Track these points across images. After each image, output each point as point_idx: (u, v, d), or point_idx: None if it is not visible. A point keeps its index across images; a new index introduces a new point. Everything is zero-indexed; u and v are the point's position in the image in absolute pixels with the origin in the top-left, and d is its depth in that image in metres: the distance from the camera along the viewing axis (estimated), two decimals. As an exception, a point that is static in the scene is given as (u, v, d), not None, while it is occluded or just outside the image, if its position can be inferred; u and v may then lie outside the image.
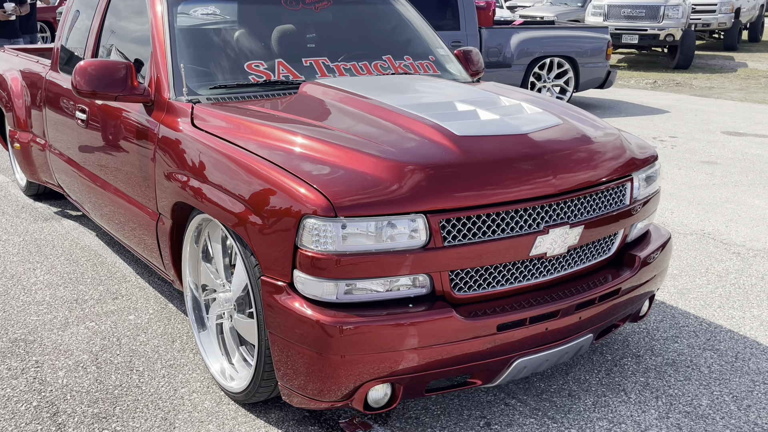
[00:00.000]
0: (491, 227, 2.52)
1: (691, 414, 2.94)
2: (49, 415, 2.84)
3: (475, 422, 2.86)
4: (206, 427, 2.78)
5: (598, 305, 2.79)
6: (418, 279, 2.46)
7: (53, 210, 5.38)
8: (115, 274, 4.23)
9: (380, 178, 2.44)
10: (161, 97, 3.25)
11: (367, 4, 4.10)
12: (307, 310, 2.39)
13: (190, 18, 3.50)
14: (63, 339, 3.44)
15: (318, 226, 2.33)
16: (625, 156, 2.98)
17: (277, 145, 2.67)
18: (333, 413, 2.88)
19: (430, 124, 2.71)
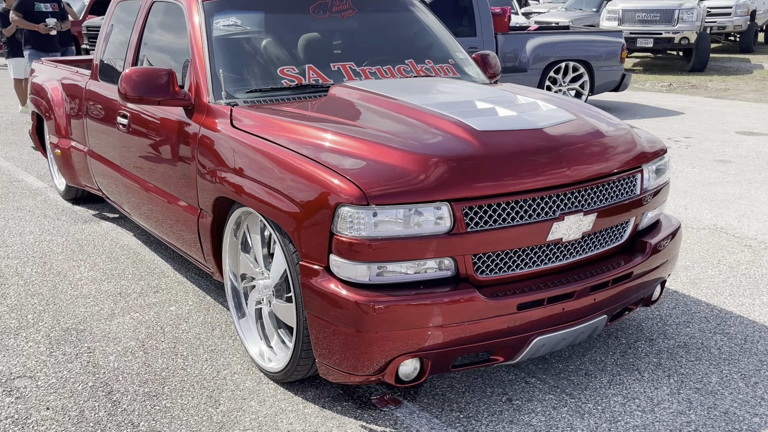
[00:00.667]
0: (510, 214, 2.73)
1: (701, 390, 3.13)
2: (105, 393, 3.08)
3: (497, 398, 3.06)
4: (248, 404, 3.01)
5: (611, 288, 2.99)
6: (443, 262, 2.68)
7: (91, 213, 5.66)
8: (154, 270, 4.48)
9: (407, 169, 2.66)
10: (201, 101, 3.50)
11: (389, 12, 4.33)
12: (343, 291, 2.62)
13: (225, 28, 3.75)
14: (111, 328, 3.69)
15: (352, 214, 2.56)
16: (635, 149, 3.18)
17: (312, 142, 2.90)
18: (365, 390, 3.10)
19: (453, 120, 2.93)
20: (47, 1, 8.89)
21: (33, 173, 6.93)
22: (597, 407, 3.00)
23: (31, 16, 8.75)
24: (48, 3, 8.88)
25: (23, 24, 8.74)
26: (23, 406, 2.99)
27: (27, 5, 8.76)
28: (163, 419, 2.90)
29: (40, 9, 8.79)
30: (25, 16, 8.74)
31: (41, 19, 8.76)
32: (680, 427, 2.86)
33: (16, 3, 8.84)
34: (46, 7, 8.84)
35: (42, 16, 8.78)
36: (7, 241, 4.98)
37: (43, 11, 8.80)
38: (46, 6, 8.84)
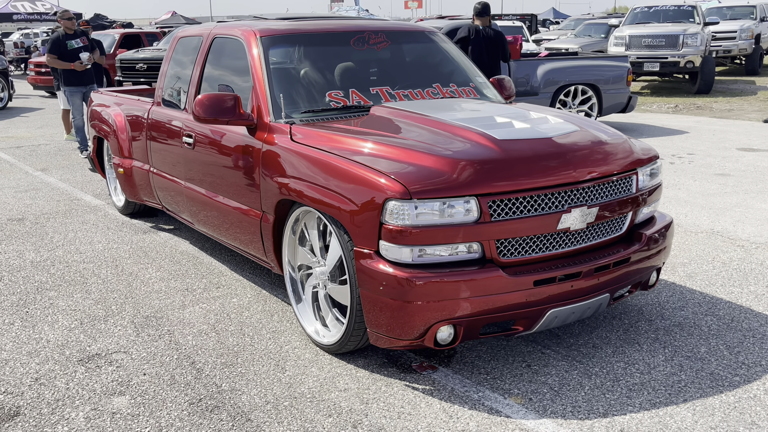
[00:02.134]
0: (527, 207, 3.34)
1: (691, 357, 3.69)
2: (189, 363, 3.69)
3: (518, 364, 3.64)
4: (310, 370, 3.61)
5: (612, 270, 3.58)
6: (472, 246, 3.28)
7: (148, 225, 6.32)
8: (212, 270, 5.11)
9: (441, 170, 3.28)
10: (263, 120, 4.14)
11: (417, 44, 5.00)
12: (391, 270, 3.22)
13: (283, 58, 4.41)
14: (184, 315, 4.31)
15: (397, 207, 3.17)
16: (630, 155, 3.78)
17: (360, 151, 3.53)
18: (407, 359, 3.69)
19: (477, 131, 3.56)
20: (77, 36, 9.45)
21: (89, 192, 7.62)
22: (602, 370, 3.57)
23: (65, 55, 9.29)
24: (78, 38, 9.44)
25: (59, 64, 9.28)
26: (124, 372, 3.60)
27: (60, 46, 9.31)
28: (241, 381, 3.50)
29: (73, 46, 9.34)
30: (60, 56, 9.28)
31: (75, 56, 9.30)
32: (672, 384, 3.42)
33: (49, 45, 9.39)
34: (77, 43, 9.39)
35: (75, 53, 9.32)
36: (80, 249, 5.63)
37: (76, 48, 9.35)
38: (76, 42, 9.40)
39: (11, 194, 7.61)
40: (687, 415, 3.17)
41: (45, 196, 7.50)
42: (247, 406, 3.28)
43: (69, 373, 3.59)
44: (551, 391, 3.37)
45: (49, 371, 3.62)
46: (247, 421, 3.15)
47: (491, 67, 8.88)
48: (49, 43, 9.53)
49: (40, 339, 4.00)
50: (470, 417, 3.18)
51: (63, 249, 5.64)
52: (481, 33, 9.00)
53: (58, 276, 5.03)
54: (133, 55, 15.65)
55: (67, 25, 9.55)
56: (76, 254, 5.51)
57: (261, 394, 3.37)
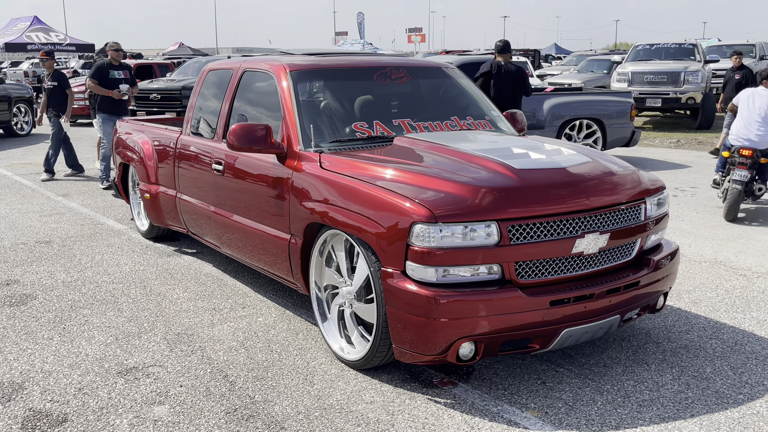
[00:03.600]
0: (543, 232, 3.58)
1: (698, 377, 3.90)
2: (222, 376, 3.90)
3: (534, 381, 3.85)
4: (337, 384, 3.82)
5: (623, 293, 3.81)
6: (492, 268, 3.51)
7: (172, 248, 6.56)
8: (237, 291, 5.34)
9: (464, 196, 3.53)
10: (292, 149, 4.41)
11: (435, 79, 5.29)
12: (416, 288, 3.46)
13: (312, 91, 4.69)
14: (214, 333, 4.53)
15: (423, 229, 3.42)
16: (639, 185, 4.04)
17: (386, 177, 3.78)
18: (428, 375, 3.90)
19: (496, 161, 3.81)
20: (120, 68, 9.87)
21: (111, 217, 7.87)
22: (614, 388, 3.78)
23: (106, 83, 9.64)
24: (121, 70, 9.86)
25: (99, 90, 9.61)
26: (162, 384, 3.81)
27: (102, 73, 9.68)
28: (272, 393, 3.71)
29: (114, 76, 9.70)
30: (100, 83, 9.64)
31: (115, 85, 9.64)
32: (680, 401, 3.63)
33: (93, 71, 9.80)
34: (119, 74, 9.77)
35: (116, 82, 9.66)
36: (108, 270, 5.87)
37: (117, 78, 9.71)
38: (119, 73, 9.76)
39: (36, 218, 7.86)
40: (694, 428, 3.37)
41: (69, 220, 7.75)
42: (280, 415, 3.48)
43: (110, 384, 3.80)
44: (566, 406, 3.58)
45: (90, 382, 3.83)
46: (281, 429, 3.36)
47: (513, 101, 9.24)
48: (94, 68, 9.91)
49: (79, 353, 4.22)
50: (490, 428, 3.38)
51: (92, 270, 5.87)
52: (503, 69, 9.37)
53: (90, 295, 5.25)
54: (147, 86, 16.02)
55: (113, 55, 9.93)
56: (104, 275, 5.74)
57: (292, 405, 3.58)
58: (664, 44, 19.07)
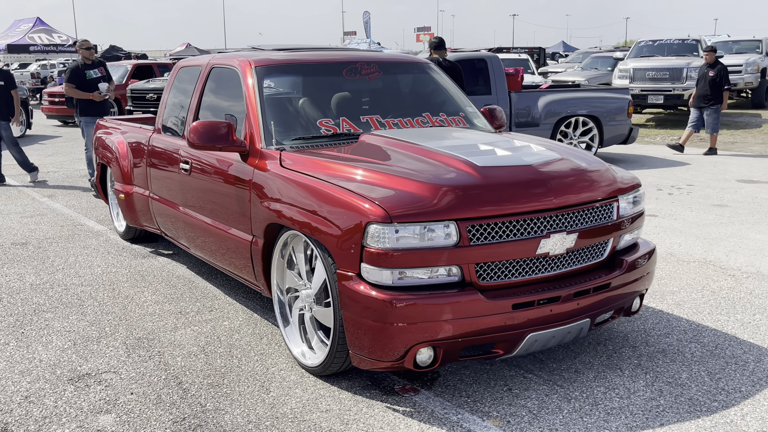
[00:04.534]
0: (506, 232, 3.41)
1: (672, 383, 3.72)
2: (176, 383, 3.76)
3: (499, 388, 3.69)
4: (294, 391, 3.67)
5: (592, 295, 3.64)
6: (451, 270, 3.35)
7: (148, 250, 6.43)
8: (207, 294, 5.20)
9: (422, 195, 3.37)
10: (254, 147, 4.26)
11: (408, 74, 5.13)
12: (372, 292, 3.30)
13: (277, 87, 4.55)
14: (175, 337, 4.39)
15: (379, 230, 3.26)
16: (611, 183, 3.86)
17: (346, 176, 3.63)
18: (390, 381, 3.74)
19: (458, 158, 3.65)
20: (94, 67, 9.45)
21: (93, 218, 7.76)
22: (582, 395, 3.61)
23: (84, 85, 9.26)
24: (95, 68, 9.45)
25: (78, 94, 9.23)
26: (112, 392, 3.67)
27: (79, 75, 9.27)
28: (225, 401, 3.57)
29: (91, 76, 9.31)
30: (78, 86, 9.25)
31: (94, 86, 9.27)
32: (650, 409, 3.46)
33: (68, 74, 9.35)
34: (96, 73, 9.37)
35: (94, 83, 9.29)
36: (79, 272, 5.74)
37: (94, 78, 9.32)
38: (95, 72, 9.38)
39: (17, 219, 7.76)
40: (662, 438, 3.20)
41: (49, 221, 7.65)
42: (230, 425, 3.34)
43: (58, 392, 3.67)
44: (530, 414, 3.41)
45: (39, 390, 3.70)
46: (228, 439, 3.22)
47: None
48: (68, 72, 9.47)
49: (33, 359, 4.09)
50: (448, 438, 3.23)
51: (63, 272, 5.75)
52: (440, 65, 9.19)
53: (56, 298, 5.13)
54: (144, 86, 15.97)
55: (85, 54, 9.51)
56: (75, 277, 5.62)
57: (244, 414, 3.43)
58: (667, 40, 18.81)
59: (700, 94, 12.39)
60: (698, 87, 12.46)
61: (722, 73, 12.18)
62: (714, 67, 12.30)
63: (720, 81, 12.16)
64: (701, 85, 12.37)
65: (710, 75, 12.19)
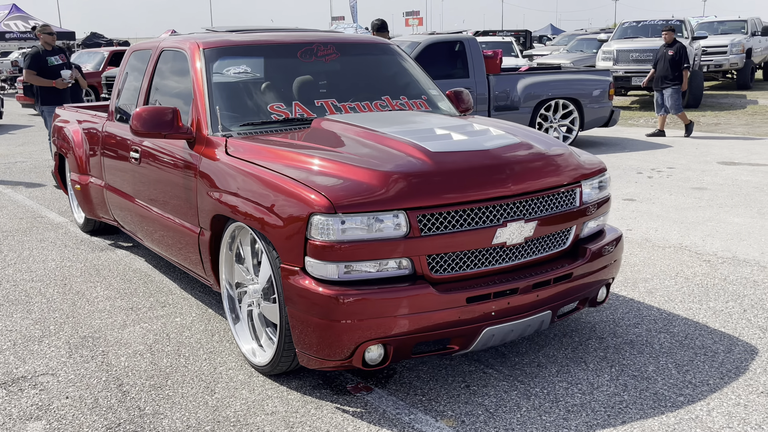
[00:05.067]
0: (459, 221, 3.21)
1: (638, 377, 3.55)
2: (116, 386, 3.56)
3: (457, 385, 3.50)
4: (240, 392, 3.47)
5: (553, 286, 3.45)
6: (401, 262, 3.15)
7: (107, 242, 6.20)
8: (162, 288, 4.99)
9: (370, 184, 3.16)
10: (201, 133, 4.04)
11: (368, 55, 4.90)
12: (316, 287, 3.10)
13: (226, 71, 4.31)
14: (123, 335, 4.18)
15: (322, 221, 3.05)
16: (573, 168, 3.66)
17: (292, 164, 3.42)
18: (343, 380, 3.55)
19: (411, 143, 3.44)
20: (55, 53, 9.08)
21: (55, 210, 7.51)
22: (543, 391, 3.43)
23: (46, 72, 8.90)
24: (56, 55, 9.07)
25: (40, 81, 8.86)
26: (46, 396, 3.47)
27: (40, 61, 8.89)
28: (166, 404, 3.37)
29: (53, 63, 8.94)
30: (39, 73, 8.88)
31: (56, 73, 8.92)
32: (613, 405, 3.28)
33: (28, 61, 8.96)
34: (57, 60, 9.00)
35: (56, 69, 8.93)
36: (31, 267, 5.52)
37: (56, 65, 8.96)
38: (56, 59, 9.01)
39: (-24, 212, 7.51)
40: (624, 437, 3.03)
41: (9, 213, 7.40)
42: (167, 430, 3.14)
43: (-11, 397, 3.47)
44: (486, 413, 3.23)
45: (-31, 394, 3.49)
46: (164, 446, 3.02)
47: None
48: (28, 58, 9.08)
49: (-31, 360, 3.88)
50: (397, 441, 3.04)
51: (14, 267, 5.53)
52: None
53: (2, 295, 4.90)
54: (118, 73, 15.64)
55: (46, 40, 9.15)
56: (26, 273, 5.39)
57: (184, 418, 3.24)
58: (651, 21, 18.60)
59: (660, 75, 12.09)
60: (657, 68, 12.18)
61: (681, 51, 11.95)
62: (672, 46, 12.06)
63: (679, 60, 11.91)
64: (660, 65, 12.08)
65: (669, 54, 11.94)
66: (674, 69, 11.88)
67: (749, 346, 3.87)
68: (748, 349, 3.83)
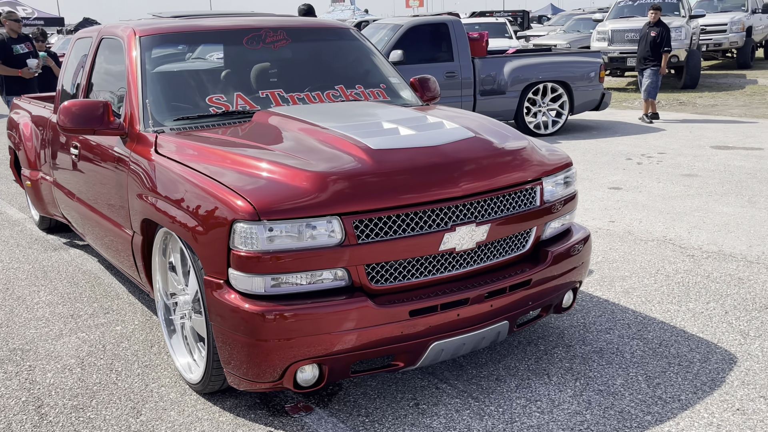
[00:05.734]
0: (401, 226, 2.90)
1: (604, 392, 3.25)
2: (35, 407, 3.27)
3: (406, 403, 3.21)
4: (168, 414, 3.18)
5: (509, 295, 3.14)
6: (336, 273, 2.85)
7: (62, 241, 5.90)
8: (110, 292, 4.69)
9: (301, 187, 2.85)
10: (133, 129, 3.72)
11: (323, 41, 4.56)
12: (240, 303, 2.80)
13: (162, 60, 3.99)
14: (56, 347, 3.89)
15: (245, 229, 2.74)
16: (533, 163, 3.34)
17: (220, 164, 3.10)
18: (281, 399, 3.26)
19: (351, 140, 3.12)
20: (21, 41, 8.79)
21: (16, 205, 7.21)
22: (498, 410, 3.13)
23: (11, 61, 8.60)
24: (22, 43, 8.78)
25: (5, 70, 8.56)
26: (-43, 419, 3.19)
27: (5, 50, 8.58)
28: (84, 430, 3.08)
29: (18, 51, 8.64)
30: (4, 62, 8.59)
31: (22, 62, 8.61)
32: (573, 426, 2.98)
33: None
34: (23, 48, 8.70)
35: (22, 58, 8.63)
36: (-24, 270, 5.23)
37: (22, 53, 8.65)
38: (22, 47, 8.71)
39: (-66, 208, 7.21)
40: (581, 466, 2.74)
41: (-33, 210, 7.11)
42: (80, 460, 2.86)
43: None
44: (432, 438, 2.94)
45: None
46: (72, 480, 2.74)
47: None
48: None
49: None
50: (331, 471, 2.75)
51: (-42, 270, 5.24)
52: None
53: (-62, 302, 4.62)
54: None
55: (12, 27, 8.84)
56: (-30, 276, 5.11)
57: (100, 446, 2.95)
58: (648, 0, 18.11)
59: (641, 56, 11.54)
60: (639, 48, 11.62)
61: (663, 34, 11.34)
62: (657, 26, 11.50)
63: (660, 42, 11.36)
64: (642, 45, 11.51)
65: (651, 35, 11.37)
66: (654, 51, 11.37)
67: (728, 354, 3.56)
68: (727, 358, 3.52)
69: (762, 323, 3.91)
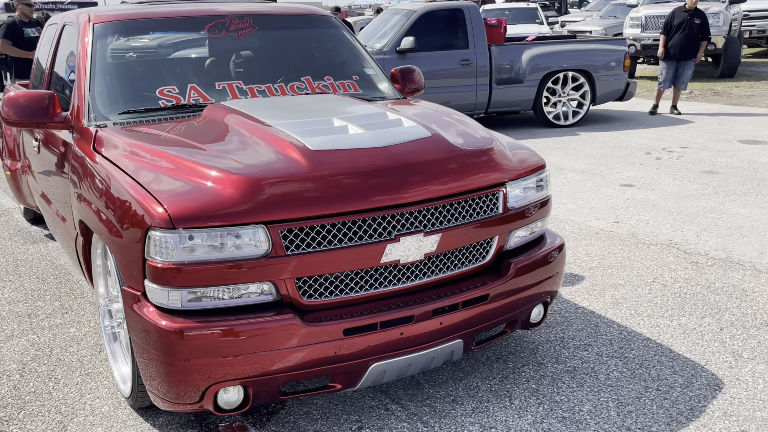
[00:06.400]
0: (337, 236, 2.63)
1: (567, 419, 2.94)
2: (-40, 417, 3.10)
3: (348, 426, 2.95)
4: (95, 430, 2.98)
5: (462, 311, 2.85)
6: (262, 287, 2.59)
7: (45, 233, 5.77)
8: (75, 290, 4.52)
9: (224, 191, 2.59)
10: (78, 123, 3.51)
11: (293, 29, 4.27)
12: (156, 318, 2.56)
13: (116, 50, 3.76)
14: (1, 351, 3.72)
15: (160, 238, 2.50)
16: (496, 167, 3.03)
17: (148, 165, 2.86)
18: (216, 417, 3.03)
19: (289, 139, 2.85)
20: (32, 25, 8.77)
21: (10, 195, 7.12)
22: (447, 437, 2.86)
23: (21, 44, 8.58)
24: (33, 27, 8.76)
25: (15, 52, 8.56)
26: None
27: (16, 32, 8.59)
28: (3, 444, 2.90)
29: (29, 35, 8.63)
30: (15, 44, 8.57)
31: (33, 45, 8.53)
32: (525, 461, 2.69)
33: (4, 30, 8.65)
34: (34, 32, 8.68)
35: (33, 42, 8.44)
36: (-52, 263, 5.11)
37: (33, 37, 8.60)
38: (32, 31, 8.69)
39: (-69, 196, 7.17)
40: None
41: (-39, 198, 7.04)
42: (-13, 481, 2.67)
43: None
44: (366, 469, 2.68)
45: None
46: (-28, 504, 2.55)
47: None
48: (4, 28, 8.73)
49: None
50: (248, 505, 2.51)
51: (-69, 262, 5.13)
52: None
53: None
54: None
55: (24, 11, 8.83)
56: (-59, 269, 4.99)
57: (13, 465, 2.76)
58: (685, -16, 17.35)
59: (681, 44, 10.60)
60: (675, 36, 10.67)
61: (706, 21, 10.68)
62: (699, 14, 10.69)
63: (705, 30, 10.64)
64: (683, 34, 10.60)
65: (696, 23, 10.54)
66: (697, 40, 10.67)
67: (714, 379, 3.22)
68: (712, 384, 3.18)
69: (759, 343, 3.55)
